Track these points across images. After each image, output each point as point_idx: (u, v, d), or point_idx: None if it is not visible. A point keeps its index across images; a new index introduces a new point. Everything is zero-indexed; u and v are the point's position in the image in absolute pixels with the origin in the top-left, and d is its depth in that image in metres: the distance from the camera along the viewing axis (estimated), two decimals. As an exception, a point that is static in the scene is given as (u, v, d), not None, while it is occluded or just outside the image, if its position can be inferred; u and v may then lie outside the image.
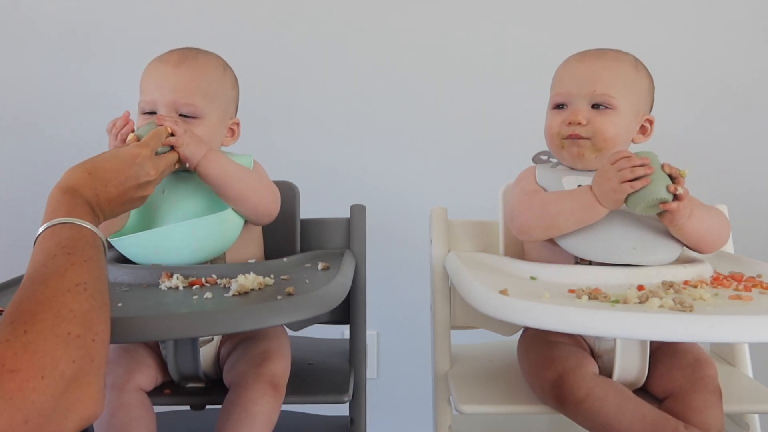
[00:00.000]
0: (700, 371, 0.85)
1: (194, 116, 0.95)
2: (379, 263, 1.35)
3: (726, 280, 0.85)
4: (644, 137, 0.99)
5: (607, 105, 0.94)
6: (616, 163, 0.86)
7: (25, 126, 1.52)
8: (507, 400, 0.91)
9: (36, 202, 1.51)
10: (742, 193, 1.49)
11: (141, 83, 0.98)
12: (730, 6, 1.49)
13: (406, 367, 1.54)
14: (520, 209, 0.96)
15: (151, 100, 0.95)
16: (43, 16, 1.50)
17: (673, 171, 0.86)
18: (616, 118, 0.94)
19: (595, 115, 0.94)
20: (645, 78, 0.99)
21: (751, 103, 1.51)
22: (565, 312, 0.69)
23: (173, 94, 0.94)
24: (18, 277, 0.88)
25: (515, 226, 0.97)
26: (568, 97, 0.96)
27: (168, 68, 0.95)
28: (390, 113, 1.52)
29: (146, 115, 0.95)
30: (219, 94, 0.98)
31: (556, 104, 0.98)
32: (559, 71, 1.01)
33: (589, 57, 0.99)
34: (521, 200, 0.97)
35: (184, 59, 0.96)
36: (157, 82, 0.95)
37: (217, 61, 1.01)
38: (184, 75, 0.95)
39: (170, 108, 0.94)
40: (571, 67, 0.99)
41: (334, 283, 0.81)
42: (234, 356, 0.92)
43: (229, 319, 0.68)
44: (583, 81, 0.96)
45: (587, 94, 0.95)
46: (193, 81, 0.95)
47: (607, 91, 0.94)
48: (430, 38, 1.51)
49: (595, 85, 0.94)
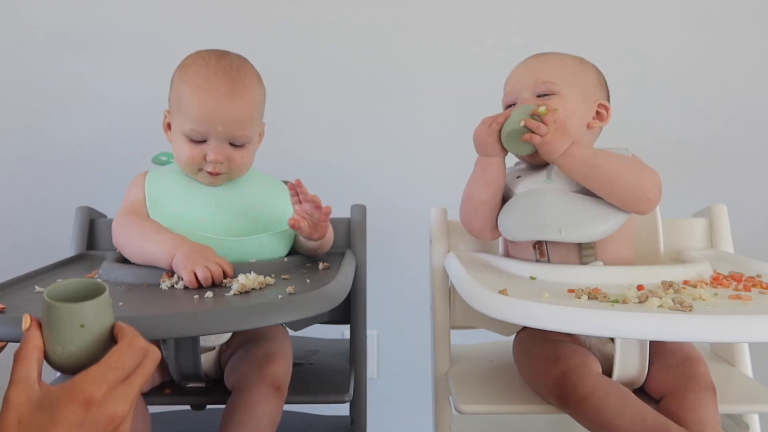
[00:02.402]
0: (691, 369, 0.85)
1: (244, 144, 0.97)
2: (379, 263, 1.35)
3: (726, 280, 0.85)
4: (600, 122, 1.01)
5: (550, 92, 0.98)
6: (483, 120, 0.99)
7: (25, 126, 1.52)
8: (507, 400, 0.91)
9: (35, 202, 1.52)
10: (742, 193, 1.49)
11: (185, 106, 0.94)
12: (730, 6, 1.49)
13: (406, 367, 1.54)
14: (459, 215, 1.05)
15: (203, 131, 0.94)
16: (43, 16, 1.50)
17: (535, 110, 0.93)
18: (562, 102, 0.97)
19: (541, 102, 0.97)
20: (591, 69, 1.03)
21: (751, 103, 1.51)
22: (565, 312, 0.69)
23: (229, 127, 0.94)
24: (18, 277, 0.88)
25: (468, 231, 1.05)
26: (514, 94, 1.01)
27: (221, 102, 0.93)
28: (390, 113, 1.52)
29: (194, 143, 0.95)
30: (260, 111, 1.01)
31: (506, 105, 1.03)
32: (508, 77, 1.05)
33: (531, 57, 1.04)
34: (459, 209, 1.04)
35: (234, 87, 0.94)
36: (211, 116, 0.93)
37: (255, 76, 1.00)
38: (237, 108, 0.94)
39: (224, 138, 0.95)
40: (515, 68, 1.04)
41: (334, 283, 0.81)
42: (236, 358, 0.92)
43: (230, 317, 0.68)
44: (524, 75, 1.01)
45: (530, 85, 0.99)
46: (246, 113, 0.96)
47: (549, 78, 0.98)
48: (431, 38, 1.51)
49: (536, 75, 0.99)
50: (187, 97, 0.94)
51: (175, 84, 0.98)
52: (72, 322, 0.59)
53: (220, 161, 0.96)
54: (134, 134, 1.51)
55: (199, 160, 0.96)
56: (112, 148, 1.51)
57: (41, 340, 0.60)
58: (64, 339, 0.59)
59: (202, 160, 0.96)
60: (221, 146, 0.95)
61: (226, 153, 0.96)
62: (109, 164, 1.51)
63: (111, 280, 0.88)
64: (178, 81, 0.97)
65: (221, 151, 0.95)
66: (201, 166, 0.97)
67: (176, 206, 0.97)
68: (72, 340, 0.59)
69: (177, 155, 0.98)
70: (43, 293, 0.60)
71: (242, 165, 0.99)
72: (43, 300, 0.59)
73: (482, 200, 1.00)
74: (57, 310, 0.59)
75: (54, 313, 0.59)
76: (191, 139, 0.95)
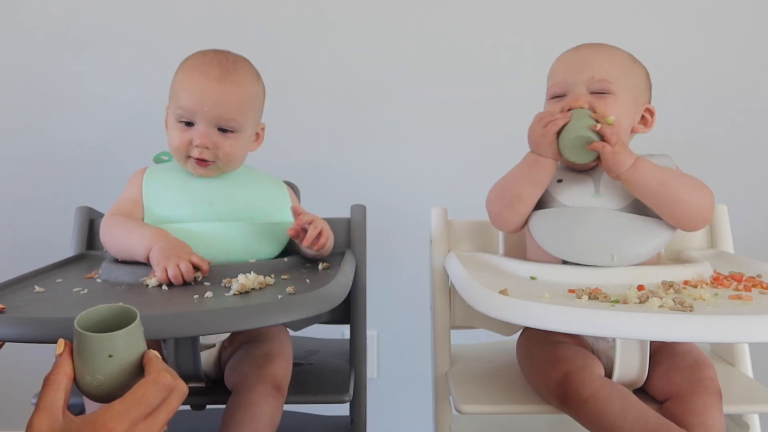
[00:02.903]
0: (699, 373, 0.85)
1: (233, 130, 0.97)
2: (379, 263, 1.35)
3: (726, 280, 0.85)
4: (646, 128, 0.98)
5: (606, 91, 0.93)
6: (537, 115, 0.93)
7: (25, 126, 1.52)
8: (507, 400, 0.91)
9: (35, 202, 1.52)
10: (742, 193, 1.49)
11: (177, 90, 0.97)
12: (730, 6, 1.49)
13: (406, 367, 1.54)
14: (488, 201, 0.99)
15: (190, 110, 0.95)
16: (43, 16, 1.50)
17: (598, 116, 0.89)
18: (617, 104, 0.93)
19: (596, 100, 0.93)
20: (642, 69, 0.99)
21: (751, 103, 1.51)
22: (565, 312, 0.69)
23: (216, 109, 0.95)
24: (18, 276, 0.87)
25: (491, 220, 0.99)
26: (565, 86, 0.95)
27: (211, 82, 0.94)
28: (390, 113, 1.52)
29: (183, 125, 0.96)
30: (254, 105, 1.00)
31: (554, 95, 0.97)
32: (555, 63, 1.00)
33: (584, 47, 0.98)
34: (489, 193, 0.99)
35: (226, 73, 0.96)
36: (199, 96, 0.94)
37: (252, 71, 1.01)
38: (227, 91, 0.95)
39: (210, 122, 0.95)
40: (567, 57, 0.99)
41: (334, 283, 0.81)
42: (236, 358, 0.92)
43: (230, 317, 0.68)
44: (580, 68, 0.95)
45: (585, 81, 0.94)
46: (235, 97, 0.96)
47: (606, 77, 0.93)
48: (431, 38, 1.51)
49: (593, 71, 0.94)
50: (179, 81, 0.97)
51: (173, 78, 0.99)
52: (101, 352, 0.59)
53: (206, 146, 0.95)
54: (134, 134, 1.51)
55: (186, 145, 0.96)
56: (112, 148, 1.51)
57: (72, 368, 0.59)
58: (93, 368, 0.59)
59: (189, 146, 0.96)
60: (208, 130, 0.95)
61: (212, 139, 0.95)
62: (108, 164, 1.51)
63: (111, 280, 0.88)
64: (176, 73, 0.99)
65: (207, 136, 0.95)
66: (189, 152, 0.97)
67: (171, 203, 0.97)
68: (100, 370, 0.59)
69: (169, 144, 0.99)
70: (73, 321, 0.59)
71: (230, 155, 0.97)
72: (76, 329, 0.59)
73: (522, 196, 0.94)
74: (86, 339, 0.58)
75: (83, 341, 0.59)
76: (181, 123, 0.96)
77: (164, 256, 0.84)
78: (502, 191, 0.97)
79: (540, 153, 0.93)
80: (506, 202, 0.95)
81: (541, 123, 0.92)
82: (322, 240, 0.94)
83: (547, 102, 1.00)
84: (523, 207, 0.95)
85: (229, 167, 1.00)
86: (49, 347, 0.72)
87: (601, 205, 0.92)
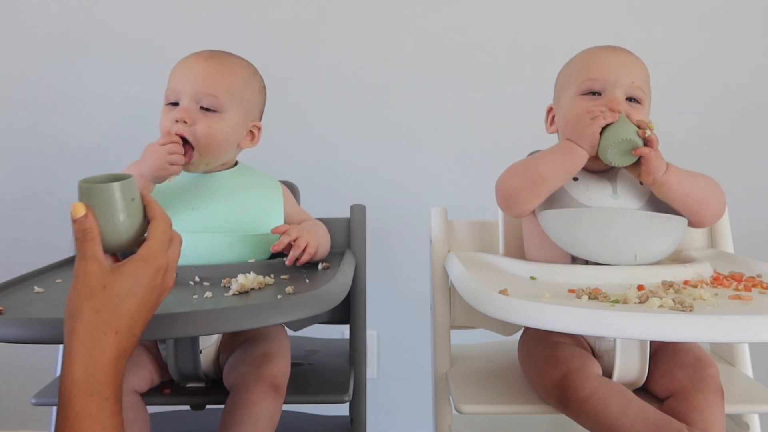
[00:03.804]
0: (702, 371, 0.85)
1: (215, 109, 0.96)
2: (379, 263, 1.35)
3: (726, 280, 0.85)
4: None
5: (640, 99, 0.94)
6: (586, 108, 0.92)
7: (25, 126, 1.52)
8: (507, 400, 0.91)
9: (35, 202, 1.52)
10: (742, 193, 1.49)
11: (170, 74, 0.99)
12: (730, 5, 1.49)
13: (406, 367, 1.54)
14: (503, 178, 0.96)
15: (175, 89, 0.96)
16: (43, 16, 1.50)
17: (641, 122, 0.89)
18: (643, 113, 0.94)
19: (630, 109, 0.93)
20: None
21: (751, 103, 1.51)
22: (565, 312, 0.69)
23: (197, 84, 0.95)
24: (18, 276, 0.87)
25: (501, 196, 0.96)
26: (605, 84, 0.94)
27: (197, 61, 0.97)
28: (390, 113, 1.52)
29: (170, 106, 0.96)
30: (244, 94, 0.99)
31: (589, 89, 0.95)
32: (588, 58, 0.98)
33: (621, 50, 0.97)
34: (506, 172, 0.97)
35: (216, 56, 0.98)
36: (184, 73, 0.97)
37: (248, 65, 1.02)
38: (211, 68, 0.97)
39: (192, 98, 0.95)
40: (606, 56, 0.97)
41: (334, 283, 0.81)
42: (234, 358, 0.92)
43: (229, 317, 0.68)
44: (622, 71, 0.94)
45: (626, 85, 0.93)
46: (218, 75, 0.96)
47: (641, 85, 0.95)
48: (431, 38, 1.51)
49: (632, 77, 0.94)
50: (173, 69, 0.98)
51: None
52: (126, 197, 0.65)
53: (183, 119, 0.93)
54: (134, 134, 1.50)
55: (168, 124, 0.95)
56: (112, 148, 1.51)
57: (97, 225, 0.64)
58: (121, 213, 0.65)
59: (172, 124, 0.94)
60: (190, 106, 0.95)
61: (192, 115, 0.94)
62: (109, 164, 1.50)
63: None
64: None
65: (187, 111, 0.94)
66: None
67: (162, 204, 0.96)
68: (129, 213, 0.66)
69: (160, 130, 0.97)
70: (85, 185, 0.65)
71: (209, 135, 0.95)
72: (89, 190, 0.64)
73: (548, 179, 0.92)
74: (110, 190, 0.64)
75: (108, 193, 0.64)
76: (167, 102, 0.96)
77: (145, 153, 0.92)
78: (526, 170, 0.94)
79: (579, 143, 0.91)
80: (529, 182, 0.93)
81: (589, 114, 0.91)
82: (305, 258, 0.93)
83: (576, 96, 0.96)
84: (545, 190, 0.93)
85: (210, 154, 0.97)
86: (49, 347, 0.72)
87: (620, 205, 0.93)
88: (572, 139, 0.92)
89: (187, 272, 0.86)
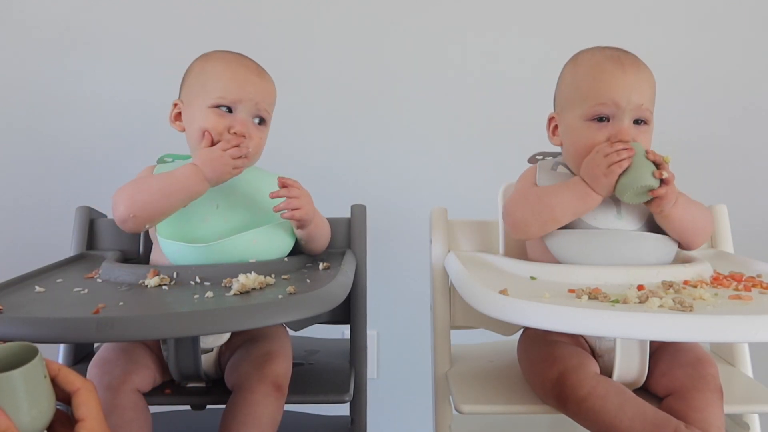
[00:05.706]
0: (701, 370, 0.85)
1: (265, 123, 1.00)
2: (379, 263, 1.35)
3: (726, 280, 0.85)
4: None
5: (645, 121, 0.94)
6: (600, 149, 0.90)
7: (25, 126, 1.52)
8: (507, 400, 0.91)
9: (35, 202, 1.52)
10: (742, 193, 1.49)
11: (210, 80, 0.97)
12: (730, 6, 1.49)
13: (406, 367, 1.54)
14: (515, 205, 0.96)
15: (233, 97, 0.96)
16: (42, 16, 1.50)
17: (657, 158, 0.89)
18: (649, 132, 0.94)
19: (637, 133, 0.92)
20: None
21: (751, 103, 1.51)
22: (565, 312, 0.69)
23: (259, 96, 0.97)
24: (18, 276, 0.87)
25: (510, 223, 0.97)
26: (614, 110, 0.92)
27: (252, 75, 0.98)
28: (390, 113, 1.52)
29: (219, 110, 0.96)
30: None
31: (598, 115, 0.92)
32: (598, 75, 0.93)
33: (628, 65, 0.93)
34: (516, 196, 0.98)
35: (261, 70, 1.01)
36: (244, 83, 0.97)
37: None
38: (267, 83, 1.00)
39: (250, 112, 0.97)
40: (614, 74, 0.93)
41: (335, 283, 0.81)
42: (236, 358, 0.92)
43: (230, 317, 0.68)
44: (630, 93, 0.91)
45: (634, 109, 0.92)
46: (272, 92, 1.02)
47: (649, 106, 0.94)
48: (431, 39, 1.51)
49: (641, 98, 0.92)
50: (216, 72, 0.97)
51: (194, 72, 1.00)
52: (37, 377, 0.59)
53: (243, 134, 0.95)
54: (134, 134, 1.51)
55: (221, 129, 0.95)
56: (111, 148, 1.51)
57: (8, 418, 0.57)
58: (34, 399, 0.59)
59: (225, 132, 0.95)
60: (248, 119, 0.97)
61: (250, 130, 0.97)
62: (109, 164, 1.51)
63: (111, 279, 0.88)
64: (198, 68, 0.99)
65: (247, 123, 0.96)
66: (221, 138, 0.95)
67: None
68: (43, 395, 0.60)
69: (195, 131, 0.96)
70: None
71: (259, 147, 0.99)
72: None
73: (560, 222, 0.92)
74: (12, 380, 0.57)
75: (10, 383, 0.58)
76: (218, 108, 0.95)
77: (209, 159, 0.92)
78: (541, 208, 0.93)
79: (595, 189, 0.90)
80: (542, 220, 0.92)
81: (606, 160, 0.88)
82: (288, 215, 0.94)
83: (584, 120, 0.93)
84: (555, 227, 0.93)
85: (253, 163, 1.01)
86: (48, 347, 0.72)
87: (624, 226, 0.93)
88: (589, 184, 0.91)
89: (188, 272, 0.86)
